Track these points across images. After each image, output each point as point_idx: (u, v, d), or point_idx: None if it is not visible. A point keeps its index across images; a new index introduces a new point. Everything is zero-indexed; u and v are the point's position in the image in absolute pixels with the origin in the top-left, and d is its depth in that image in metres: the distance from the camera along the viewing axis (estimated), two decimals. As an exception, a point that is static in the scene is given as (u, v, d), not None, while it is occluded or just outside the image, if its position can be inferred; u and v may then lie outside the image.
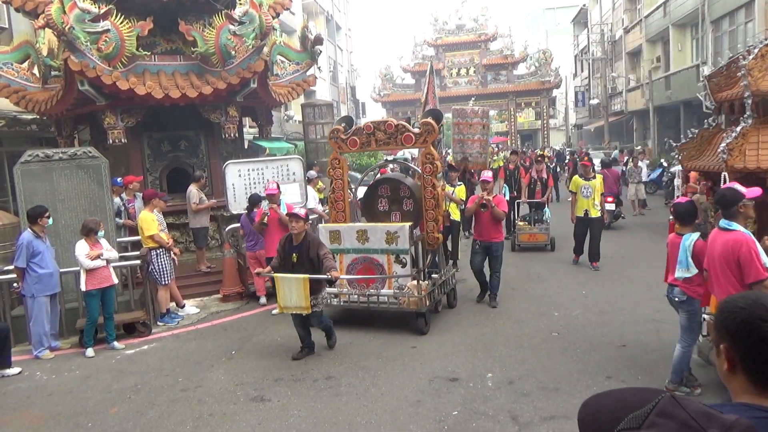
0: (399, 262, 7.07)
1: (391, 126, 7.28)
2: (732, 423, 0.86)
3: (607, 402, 1.06)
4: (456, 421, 4.69)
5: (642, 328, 6.68)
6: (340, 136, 7.41)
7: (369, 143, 7.31)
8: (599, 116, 36.27)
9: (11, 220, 9.05)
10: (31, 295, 6.98)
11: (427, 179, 7.20)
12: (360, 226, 7.32)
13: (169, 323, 8.11)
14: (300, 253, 6.14)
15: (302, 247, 6.16)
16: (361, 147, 7.40)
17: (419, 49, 39.44)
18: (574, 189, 9.97)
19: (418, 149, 8.03)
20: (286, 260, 6.20)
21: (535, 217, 11.97)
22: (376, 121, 7.49)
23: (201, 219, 9.51)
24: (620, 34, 32.28)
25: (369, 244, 7.14)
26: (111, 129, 9.22)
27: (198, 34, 9.47)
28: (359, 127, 7.40)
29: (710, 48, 20.23)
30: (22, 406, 5.67)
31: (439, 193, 7.25)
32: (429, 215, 7.28)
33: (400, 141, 7.17)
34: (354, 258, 7.25)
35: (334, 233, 7.28)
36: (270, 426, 4.86)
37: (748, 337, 1.22)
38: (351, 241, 7.21)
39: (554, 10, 59.58)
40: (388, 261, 7.10)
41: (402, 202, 7.70)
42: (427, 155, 7.17)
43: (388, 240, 7.04)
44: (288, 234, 6.30)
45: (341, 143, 7.43)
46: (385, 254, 7.10)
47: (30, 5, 9.55)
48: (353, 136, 7.35)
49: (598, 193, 9.76)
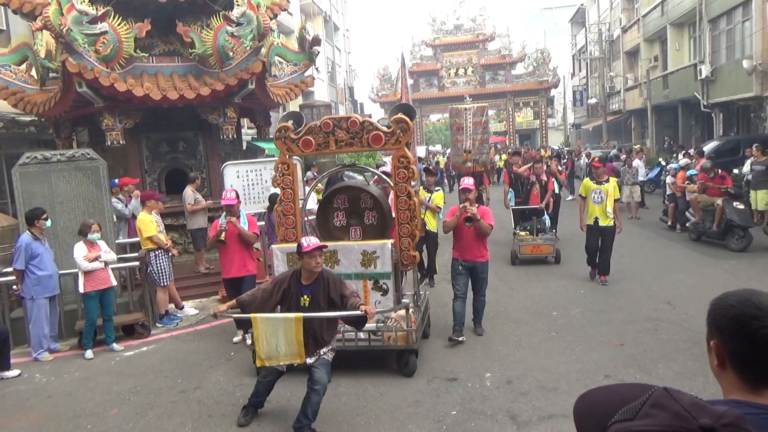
0: (378, 289, 5.81)
1: (355, 123, 5.90)
2: (722, 413, 0.87)
3: (602, 396, 1.07)
4: (455, 421, 4.70)
5: (640, 327, 6.69)
6: (288, 135, 5.99)
7: (327, 144, 5.92)
8: (597, 116, 36.31)
9: (10, 223, 9.06)
10: (30, 297, 6.98)
11: (400, 187, 5.92)
12: (329, 247, 5.61)
13: (168, 325, 8.11)
14: (314, 295, 4.69)
15: (318, 286, 4.70)
16: (318, 148, 6.00)
17: (417, 49, 39.48)
18: (584, 193, 8.87)
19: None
20: (290, 302, 4.73)
21: (537, 226, 10.55)
22: (336, 118, 6.14)
23: (198, 220, 9.51)
24: (618, 33, 32.32)
25: (340, 268, 5.74)
26: (109, 130, 9.22)
27: (196, 36, 9.48)
28: (314, 124, 6.00)
29: (708, 47, 20.26)
30: (21, 408, 5.67)
31: (415, 203, 6.01)
32: (404, 230, 5.96)
33: (366, 141, 5.88)
34: None
35: (293, 256, 5.57)
36: (269, 427, 4.87)
37: (737, 334, 1.23)
38: None
39: (552, 9, 59.61)
40: (364, 288, 5.79)
41: (363, 215, 6.30)
42: (401, 158, 5.91)
43: (365, 262, 5.80)
44: (295, 270, 4.91)
45: (290, 144, 6.01)
46: (361, 280, 5.80)
47: (27, 7, 9.55)
48: (306, 136, 5.94)
49: (611, 199, 8.55)
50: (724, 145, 16.89)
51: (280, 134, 6.05)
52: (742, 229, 10.19)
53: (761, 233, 10.86)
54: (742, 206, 10.44)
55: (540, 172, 11.30)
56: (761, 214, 11.71)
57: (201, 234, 9.59)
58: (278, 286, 4.77)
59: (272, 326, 4.57)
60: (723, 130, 20.62)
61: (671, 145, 24.24)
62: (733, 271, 8.87)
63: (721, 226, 10.47)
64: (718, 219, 10.48)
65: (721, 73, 19.40)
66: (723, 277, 8.58)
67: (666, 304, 7.49)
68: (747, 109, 19.27)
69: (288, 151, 6.12)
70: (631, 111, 31.20)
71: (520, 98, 38.63)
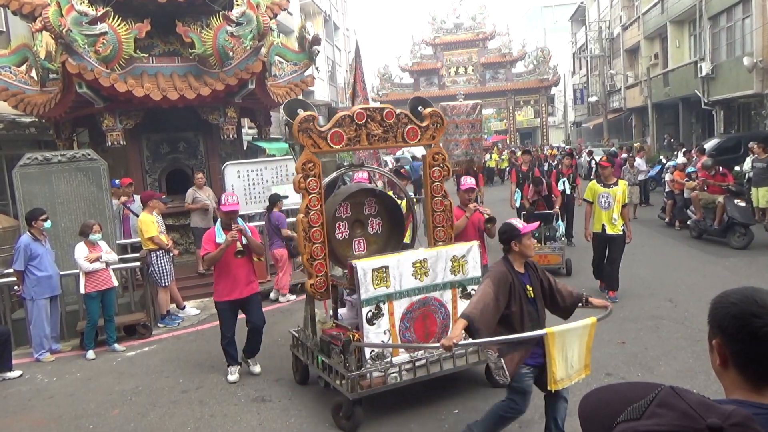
0: (466, 297, 5.06)
1: (391, 115, 5.21)
2: (731, 412, 0.87)
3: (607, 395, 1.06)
4: (456, 420, 4.69)
5: (642, 325, 6.68)
6: (314, 128, 4.94)
7: (359, 139, 5.08)
8: (598, 114, 36.30)
9: (10, 224, 9.07)
10: (31, 297, 6.98)
11: (435, 186, 5.47)
12: (418, 255, 4.99)
13: (169, 325, 8.11)
14: (533, 283, 4.03)
15: (531, 272, 4.06)
16: (348, 144, 5.09)
17: (417, 48, 39.54)
18: (590, 197, 7.86)
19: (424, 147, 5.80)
20: (519, 298, 3.91)
21: (546, 233, 9.53)
22: (370, 108, 5.29)
23: (195, 219, 9.49)
24: (618, 31, 32.29)
25: (430, 279, 4.96)
26: (109, 131, 9.22)
27: (195, 36, 9.47)
28: (345, 114, 5.12)
29: (708, 44, 20.24)
30: (23, 409, 5.67)
31: (450, 203, 5.57)
32: (439, 233, 5.47)
33: (402, 136, 5.26)
34: (410, 304, 4.89)
35: (380, 272, 4.74)
36: (271, 426, 4.86)
37: (738, 332, 1.22)
38: (406, 280, 4.86)
39: (552, 7, 59.57)
40: (453, 298, 5.08)
41: (366, 224, 5.61)
42: (436, 155, 5.46)
43: (455, 269, 5.08)
44: (505, 259, 4.04)
45: (316, 138, 4.95)
46: (450, 289, 5.08)
47: (27, 8, 9.54)
48: (337, 129, 5.00)
49: (619, 204, 7.57)
50: (725, 143, 16.86)
51: (304, 126, 4.92)
52: (744, 227, 10.17)
53: (762, 230, 10.84)
54: (743, 203, 10.42)
55: (526, 160, 10.84)
56: (762, 212, 11.69)
57: (197, 233, 9.57)
58: (502, 283, 3.88)
59: (570, 338, 3.68)
60: (724, 128, 20.59)
61: (672, 142, 24.22)
62: (734, 269, 8.86)
63: (722, 223, 10.45)
64: (719, 216, 10.46)
65: (722, 71, 19.38)
66: (724, 274, 8.57)
67: (667, 301, 7.47)
68: (748, 106, 19.25)
69: (313, 147, 4.97)
70: (632, 109, 31.18)
71: (520, 97, 38.64)
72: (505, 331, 3.82)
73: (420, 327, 4.93)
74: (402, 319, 4.86)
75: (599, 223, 7.69)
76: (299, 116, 4.92)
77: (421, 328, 4.94)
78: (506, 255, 4.03)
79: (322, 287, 5.02)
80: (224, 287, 5.76)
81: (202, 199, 9.52)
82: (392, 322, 4.79)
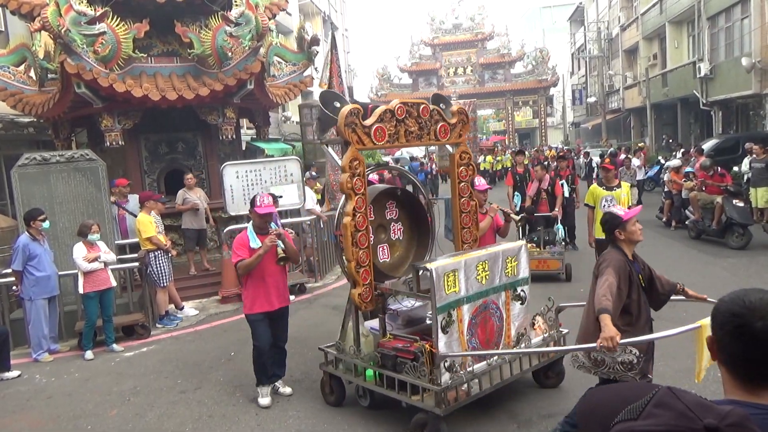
0: (517, 299, 4.94)
1: (426, 111, 4.94)
2: (728, 413, 0.87)
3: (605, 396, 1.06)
4: (456, 420, 4.69)
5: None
6: (360, 123, 4.64)
7: (397, 136, 4.81)
8: (597, 114, 36.33)
9: (9, 224, 9.06)
10: (29, 298, 6.98)
11: (463, 187, 5.26)
12: (480, 256, 4.69)
13: (168, 325, 8.10)
14: (643, 272, 3.97)
15: (638, 260, 4.00)
16: (389, 140, 4.79)
17: (416, 48, 39.57)
18: (591, 202, 7.51)
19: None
20: (637, 288, 3.82)
21: (545, 237, 9.14)
22: (409, 102, 4.97)
23: (187, 220, 9.48)
24: (617, 31, 32.32)
25: (489, 282, 4.71)
26: (108, 131, 9.21)
27: (194, 36, 9.47)
28: (387, 109, 4.79)
29: (707, 45, 20.27)
30: (21, 409, 5.66)
31: (476, 203, 5.45)
32: (467, 235, 5.31)
33: (434, 134, 5.00)
34: (475, 309, 4.60)
35: (451, 275, 4.41)
36: (269, 427, 4.86)
37: (720, 330, 1.24)
38: (471, 283, 4.55)
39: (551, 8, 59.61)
40: (506, 300, 4.85)
41: (388, 229, 5.35)
42: (463, 154, 5.26)
43: (510, 270, 4.87)
44: (615, 247, 3.96)
45: (361, 134, 4.64)
46: (504, 291, 4.84)
47: (26, 8, 9.54)
48: (379, 124, 4.70)
49: (624, 207, 7.48)
50: (723, 143, 16.90)
51: (350, 120, 4.58)
52: (742, 227, 10.18)
53: (761, 231, 10.85)
54: (741, 204, 10.44)
55: (542, 176, 9.72)
56: (761, 212, 11.71)
57: (188, 234, 9.55)
58: (622, 271, 3.73)
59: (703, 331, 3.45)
60: (722, 128, 20.62)
61: (670, 143, 24.25)
62: (732, 269, 8.86)
63: (720, 223, 10.46)
64: (718, 216, 10.47)
65: (720, 71, 19.40)
66: (723, 275, 8.57)
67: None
68: (746, 106, 19.27)
69: (358, 143, 4.64)
70: (631, 109, 31.21)
71: (519, 97, 38.66)
72: (620, 322, 3.67)
73: (482, 333, 4.66)
74: (469, 325, 4.55)
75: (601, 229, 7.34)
76: (345, 110, 4.58)
77: (483, 333, 4.66)
78: (615, 244, 3.92)
79: (368, 297, 4.67)
80: (257, 298, 5.15)
81: (193, 199, 9.46)
82: (461, 329, 4.47)
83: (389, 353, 4.51)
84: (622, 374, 3.73)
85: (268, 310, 5.16)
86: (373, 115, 4.69)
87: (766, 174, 11.63)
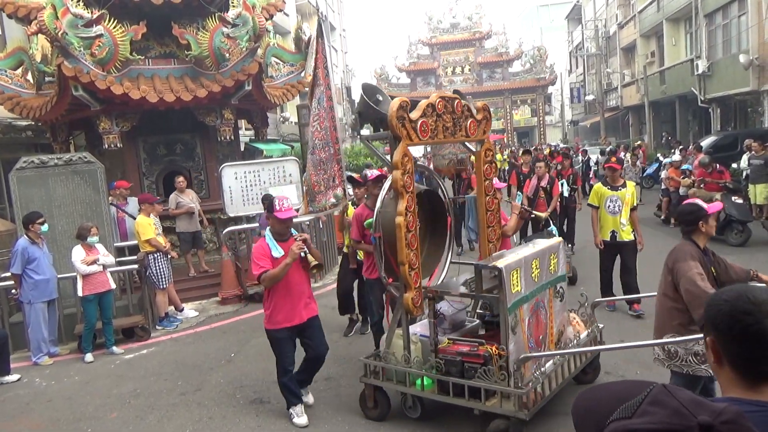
0: (557, 295, 4.85)
1: (460, 106, 4.79)
2: (722, 410, 0.87)
3: (600, 394, 1.06)
4: (456, 419, 4.68)
5: (640, 323, 6.68)
6: (408, 117, 4.36)
7: (436, 131, 4.59)
8: (595, 112, 36.34)
9: (7, 227, 9.05)
10: (28, 301, 6.98)
11: (488, 185, 5.18)
12: (534, 253, 4.58)
13: (167, 327, 8.10)
14: (715, 264, 4.02)
15: (710, 255, 3.99)
16: (430, 136, 4.58)
17: (414, 48, 39.57)
18: (596, 202, 7.14)
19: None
20: (708, 277, 3.79)
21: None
22: (446, 96, 4.75)
23: (181, 224, 9.47)
24: (614, 29, 32.34)
25: (540, 280, 4.60)
26: (106, 134, 9.21)
27: (191, 38, 9.47)
28: (429, 103, 4.54)
29: (704, 42, 20.28)
30: (21, 412, 5.66)
31: (498, 203, 5.38)
32: (492, 234, 5.23)
33: (465, 130, 4.84)
34: (530, 307, 4.47)
35: (515, 274, 4.26)
36: (269, 428, 4.86)
37: (730, 330, 1.22)
38: (528, 282, 4.42)
39: (548, 6, 59.68)
40: (550, 298, 4.73)
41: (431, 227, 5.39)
42: (488, 151, 5.19)
43: (552, 267, 4.77)
44: (687, 238, 3.91)
45: (410, 129, 4.38)
46: (548, 288, 4.74)
47: (23, 11, 9.53)
48: (424, 119, 4.46)
49: (628, 208, 6.95)
50: (721, 140, 16.90)
51: (400, 114, 4.28)
52: (741, 224, 10.18)
53: (760, 227, 10.85)
54: (740, 201, 10.45)
55: (543, 173, 9.26)
56: (760, 208, 11.72)
57: (183, 237, 9.54)
58: (701, 262, 3.75)
59: None
60: (720, 125, 20.64)
61: (669, 140, 24.26)
62: (732, 266, 8.85)
63: (719, 220, 10.45)
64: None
65: (718, 68, 19.41)
66: (722, 271, 8.56)
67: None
68: (744, 103, 19.28)
69: (407, 139, 4.40)
70: (629, 107, 31.23)
71: (517, 96, 38.68)
72: None
73: (536, 332, 4.50)
74: (528, 325, 4.39)
75: (607, 230, 7.02)
76: (395, 103, 4.27)
77: (536, 332, 4.50)
78: (689, 236, 3.88)
79: (419, 301, 4.46)
80: (282, 312, 4.70)
81: (186, 202, 9.44)
82: (523, 329, 4.30)
83: (454, 359, 4.28)
84: (695, 367, 3.69)
85: (296, 324, 4.73)
86: (417, 109, 4.45)
87: (765, 171, 11.64)
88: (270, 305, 4.72)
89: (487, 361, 4.16)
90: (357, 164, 21.26)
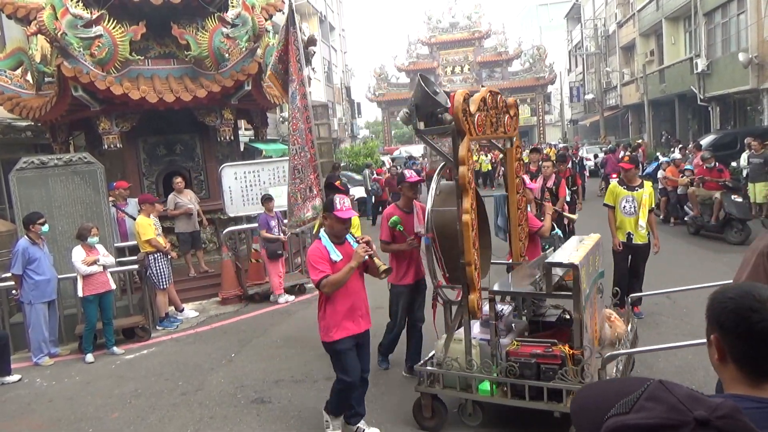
0: (600, 292, 4.73)
1: (502, 100, 4.72)
2: (718, 405, 0.87)
3: (598, 391, 1.07)
4: (456, 418, 4.69)
5: (640, 321, 6.68)
6: (469, 111, 4.15)
7: (484, 127, 4.39)
8: (594, 111, 36.34)
9: (8, 228, 9.05)
10: (29, 301, 6.98)
11: (518, 183, 5.09)
12: (591, 249, 4.42)
13: (168, 327, 8.10)
14: None
15: None
16: (483, 131, 4.37)
17: (413, 47, 39.55)
18: (611, 202, 6.85)
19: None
20: None
21: (545, 246, 8.19)
22: (493, 90, 4.65)
23: (180, 224, 9.48)
24: (614, 28, 32.36)
25: (593, 276, 4.47)
26: (106, 134, 9.21)
27: (191, 38, 9.47)
28: (482, 97, 4.37)
29: (703, 41, 20.29)
30: (22, 413, 5.66)
31: (527, 202, 5.30)
32: (522, 232, 5.16)
33: (504, 126, 4.70)
34: (588, 304, 4.27)
35: (583, 271, 4.08)
36: (270, 428, 4.86)
37: (736, 328, 1.23)
38: (589, 279, 4.26)
39: (547, 5, 59.69)
40: (594, 294, 4.53)
41: None
42: (517, 149, 5.10)
43: (597, 264, 4.63)
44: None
45: (470, 123, 4.17)
46: (594, 285, 4.53)
47: (22, 12, 9.53)
48: (480, 113, 4.27)
49: (645, 209, 6.60)
50: (721, 139, 16.91)
51: (464, 108, 4.06)
52: (741, 222, 10.19)
53: (760, 226, 10.86)
54: (740, 199, 10.46)
55: (550, 174, 8.91)
56: (759, 207, 11.73)
57: (182, 238, 9.55)
58: None
59: None
60: (720, 124, 20.65)
61: (669, 139, 24.27)
62: (732, 265, 8.83)
63: (719, 219, 10.47)
64: (717, 212, 10.48)
65: (717, 67, 19.42)
66: (722, 270, 8.57)
67: (666, 298, 7.48)
68: (743, 102, 19.29)
69: (469, 134, 4.16)
70: (628, 106, 31.24)
71: (517, 95, 38.42)
72: None
73: (591, 329, 4.35)
74: (590, 322, 4.22)
75: (623, 231, 6.73)
76: (459, 96, 4.05)
77: (591, 330, 4.35)
78: None
79: (480, 302, 4.28)
80: (343, 320, 4.24)
81: (185, 203, 9.44)
82: (588, 327, 4.17)
83: (528, 361, 4.09)
84: None
85: (356, 333, 4.30)
86: (472, 103, 4.19)
87: (765, 169, 11.65)
88: (326, 314, 4.25)
89: (564, 362, 4.00)
90: (357, 164, 21.22)
